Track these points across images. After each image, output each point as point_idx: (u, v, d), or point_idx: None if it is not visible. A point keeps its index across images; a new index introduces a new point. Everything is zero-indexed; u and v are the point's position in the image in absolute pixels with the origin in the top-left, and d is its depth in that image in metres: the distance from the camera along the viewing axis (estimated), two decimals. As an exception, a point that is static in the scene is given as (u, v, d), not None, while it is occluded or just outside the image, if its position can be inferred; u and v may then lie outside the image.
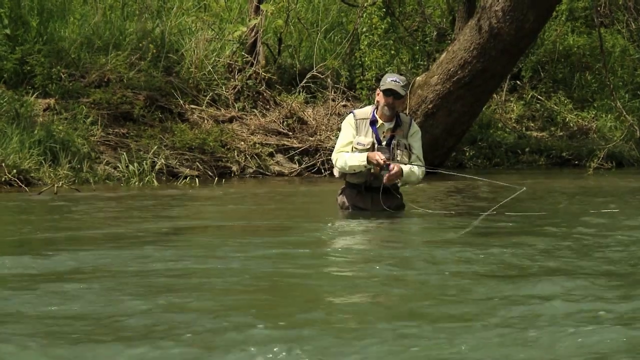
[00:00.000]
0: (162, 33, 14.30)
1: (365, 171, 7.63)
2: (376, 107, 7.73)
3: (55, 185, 10.45)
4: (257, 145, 13.56)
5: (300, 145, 13.84)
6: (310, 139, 14.01)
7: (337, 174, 7.88)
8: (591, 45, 18.29)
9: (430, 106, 13.63)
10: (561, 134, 17.05)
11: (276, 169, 13.55)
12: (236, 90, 14.36)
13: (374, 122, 7.68)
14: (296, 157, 13.75)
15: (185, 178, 12.08)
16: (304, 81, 14.63)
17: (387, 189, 7.67)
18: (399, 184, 7.78)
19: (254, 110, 14.26)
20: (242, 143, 13.51)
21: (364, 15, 15.03)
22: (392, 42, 15.38)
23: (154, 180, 11.75)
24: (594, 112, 17.48)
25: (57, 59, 13.11)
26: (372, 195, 7.73)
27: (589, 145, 16.40)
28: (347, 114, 8.26)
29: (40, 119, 12.07)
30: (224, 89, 14.29)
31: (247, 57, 14.56)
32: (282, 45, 15.20)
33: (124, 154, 12.09)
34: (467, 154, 15.66)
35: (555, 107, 17.44)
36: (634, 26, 19.02)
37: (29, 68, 12.74)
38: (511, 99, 17.58)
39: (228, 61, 14.54)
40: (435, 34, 16.97)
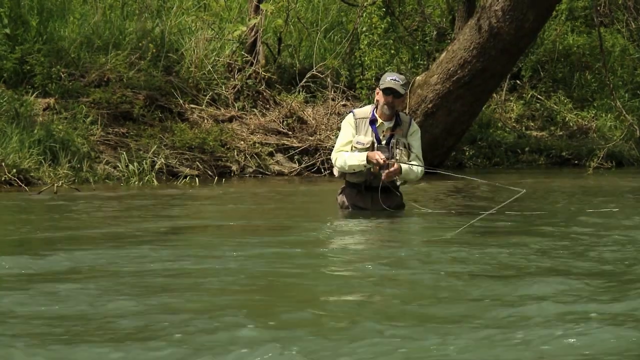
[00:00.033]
0: (162, 32, 14.30)
1: (365, 170, 7.64)
2: (376, 106, 7.74)
3: (55, 184, 10.46)
4: (256, 144, 13.56)
5: (300, 145, 13.85)
6: (310, 138, 14.01)
7: (336, 173, 7.89)
8: (591, 44, 18.27)
9: (430, 106, 13.63)
10: (561, 133, 17.04)
11: (276, 168, 13.56)
12: (236, 89, 14.37)
13: (373, 121, 7.69)
14: (296, 157, 13.76)
15: (185, 177, 12.09)
16: (303, 81, 14.63)
17: (387, 188, 7.68)
18: (398, 182, 7.78)
19: (254, 109, 14.27)
20: (241, 142, 13.52)
21: (364, 15, 15.02)
22: (391, 41, 15.39)
23: (154, 180, 11.76)
24: (593, 112, 17.46)
25: (56, 58, 13.12)
26: (372, 195, 7.74)
27: (588, 144, 16.38)
28: (347, 113, 8.29)
29: (40, 118, 12.08)
30: (223, 88, 14.30)
31: (246, 57, 14.57)
32: (282, 44, 15.21)
33: (123, 153, 12.11)
34: (466, 153, 15.66)
35: (555, 106, 17.43)
36: (633, 26, 19.01)
37: (28, 67, 12.76)
38: (511, 98, 17.56)
39: (228, 61, 14.55)
40: (435, 33, 16.96)
